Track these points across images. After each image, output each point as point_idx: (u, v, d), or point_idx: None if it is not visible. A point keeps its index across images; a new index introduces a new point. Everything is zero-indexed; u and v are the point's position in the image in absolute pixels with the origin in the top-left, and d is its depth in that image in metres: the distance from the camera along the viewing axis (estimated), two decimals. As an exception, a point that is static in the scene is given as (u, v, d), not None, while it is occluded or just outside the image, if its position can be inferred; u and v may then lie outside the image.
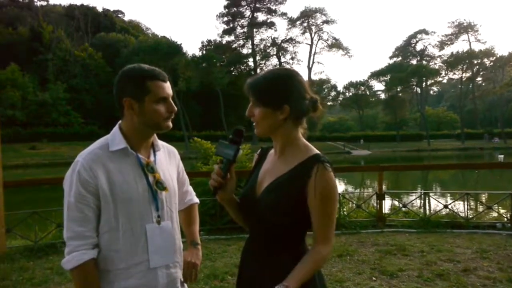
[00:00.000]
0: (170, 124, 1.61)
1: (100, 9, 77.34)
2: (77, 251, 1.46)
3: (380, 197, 6.72)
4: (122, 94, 1.54)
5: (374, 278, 4.23)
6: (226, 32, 66.04)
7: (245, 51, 67.03)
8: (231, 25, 66.03)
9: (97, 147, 1.55)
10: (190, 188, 1.96)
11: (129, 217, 1.52)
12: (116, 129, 1.59)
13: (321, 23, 66.93)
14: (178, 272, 1.67)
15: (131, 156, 1.57)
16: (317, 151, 1.48)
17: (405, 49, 74.29)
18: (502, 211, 7.39)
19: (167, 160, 1.73)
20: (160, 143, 1.72)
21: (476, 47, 69.02)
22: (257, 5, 65.12)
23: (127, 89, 1.53)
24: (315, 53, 67.81)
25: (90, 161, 1.50)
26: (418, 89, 70.85)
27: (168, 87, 1.58)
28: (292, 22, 66.90)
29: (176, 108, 1.60)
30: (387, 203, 7.38)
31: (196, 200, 1.97)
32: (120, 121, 1.61)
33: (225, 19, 65.98)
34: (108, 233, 1.51)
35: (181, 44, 62.42)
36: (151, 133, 1.62)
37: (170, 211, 1.65)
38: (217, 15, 66.60)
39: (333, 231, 1.44)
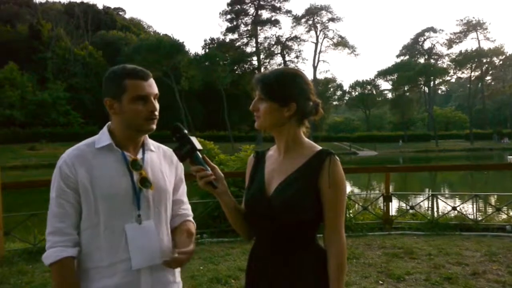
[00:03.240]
0: (153, 126, 1.57)
1: (100, 7, 77.66)
2: (55, 247, 1.45)
3: (387, 199, 6.63)
4: (104, 94, 1.56)
5: (381, 282, 4.19)
6: (229, 30, 65.30)
7: (249, 49, 66.55)
8: (235, 23, 65.27)
9: (83, 144, 1.57)
10: (185, 199, 1.80)
11: (110, 214, 1.50)
12: (104, 128, 1.60)
13: (327, 21, 65.79)
14: (167, 276, 1.60)
15: (116, 152, 1.56)
16: (321, 147, 1.51)
17: (413, 47, 73.96)
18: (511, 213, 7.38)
19: (161, 161, 1.68)
20: (156, 144, 1.70)
21: (485, 45, 68.67)
22: (261, 3, 64.37)
23: (108, 90, 1.55)
24: (320, 51, 66.62)
25: (73, 157, 1.51)
26: (426, 89, 70.56)
27: (149, 85, 1.54)
28: (297, 20, 65.95)
29: (157, 107, 1.56)
30: (394, 205, 7.33)
31: (191, 215, 1.81)
32: (109, 122, 1.62)
33: (229, 16, 65.22)
34: (89, 229, 1.50)
35: (183, 42, 62.93)
36: (134, 134, 1.59)
37: (158, 210, 1.60)
38: (220, 13, 65.97)
39: (343, 223, 1.49)
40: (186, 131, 1.51)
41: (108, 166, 1.54)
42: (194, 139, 1.51)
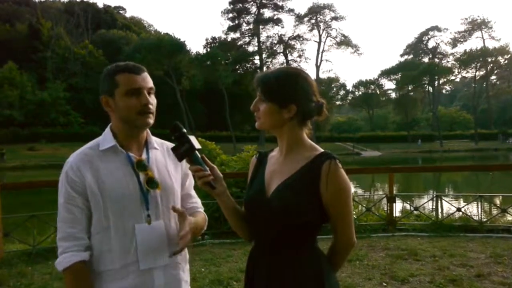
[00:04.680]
0: (148, 120, 1.55)
1: (100, 5, 77.31)
2: (67, 252, 1.47)
3: (391, 200, 6.60)
4: (100, 93, 1.58)
5: (384, 284, 4.18)
6: (231, 29, 65.19)
7: (251, 48, 66.36)
8: (237, 22, 65.13)
9: (87, 147, 1.57)
10: (193, 193, 1.82)
11: (120, 217, 1.51)
12: (107, 129, 1.60)
13: (330, 20, 65.61)
14: (181, 274, 1.63)
15: (121, 154, 1.56)
16: (323, 150, 1.50)
17: (417, 46, 73.66)
18: (517, 214, 7.29)
19: (166, 158, 1.68)
20: (159, 141, 1.71)
21: (490, 44, 69.05)
22: (264, 1, 64.10)
23: (102, 87, 1.56)
24: (323, 50, 66.57)
25: (78, 161, 1.52)
26: (430, 88, 69.89)
27: (142, 79, 1.54)
28: (299, 18, 65.75)
29: (149, 100, 1.55)
30: (398, 206, 7.27)
31: (200, 208, 1.83)
32: (111, 123, 1.63)
33: (230, 15, 65.08)
34: (100, 233, 1.51)
35: (184, 41, 62.25)
36: (132, 130, 1.59)
37: (166, 210, 1.61)
38: (222, 11, 65.86)
39: (352, 226, 1.50)
40: (184, 130, 1.49)
41: (114, 168, 1.53)
42: (193, 138, 1.49)
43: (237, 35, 65.82)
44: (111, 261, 1.50)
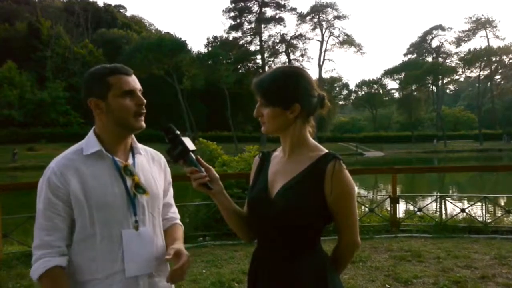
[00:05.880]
0: (142, 123, 1.54)
1: (101, 4, 77.22)
2: (42, 258, 1.42)
3: (394, 201, 6.57)
4: (87, 96, 1.52)
5: (388, 286, 4.17)
6: (232, 28, 65.09)
7: (252, 47, 66.22)
8: (238, 21, 65.01)
9: (71, 152, 1.52)
10: (173, 202, 1.82)
11: (106, 223, 1.47)
12: (90, 132, 1.56)
13: (332, 19, 65.58)
14: (163, 282, 1.57)
15: (107, 159, 1.52)
16: (327, 150, 1.50)
17: (420, 45, 73.56)
18: (522, 215, 7.34)
19: (150, 164, 1.66)
20: (142, 147, 1.67)
21: (495, 43, 69.18)
22: (265, 0, 64.05)
23: (90, 90, 1.52)
24: (326, 50, 66.46)
25: (61, 166, 1.47)
26: (434, 88, 69.98)
27: (133, 80, 1.54)
28: (302, 17, 65.71)
29: (145, 100, 1.55)
30: (401, 207, 7.27)
31: (178, 218, 1.82)
32: (94, 126, 1.58)
33: (232, 14, 64.97)
34: (84, 240, 1.46)
35: (185, 40, 61.77)
36: (124, 133, 1.56)
37: (152, 216, 1.59)
38: (223, 10, 66.04)
39: (357, 227, 1.50)
40: (178, 132, 1.49)
41: (100, 174, 1.49)
42: (187, 140, 1.49)
43: (239, 34, 65.80)
44: (95, 270, 1.43)
